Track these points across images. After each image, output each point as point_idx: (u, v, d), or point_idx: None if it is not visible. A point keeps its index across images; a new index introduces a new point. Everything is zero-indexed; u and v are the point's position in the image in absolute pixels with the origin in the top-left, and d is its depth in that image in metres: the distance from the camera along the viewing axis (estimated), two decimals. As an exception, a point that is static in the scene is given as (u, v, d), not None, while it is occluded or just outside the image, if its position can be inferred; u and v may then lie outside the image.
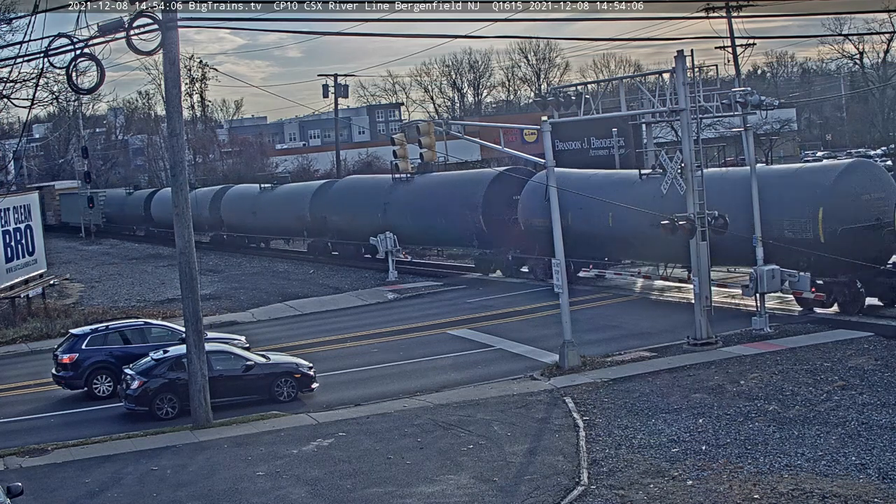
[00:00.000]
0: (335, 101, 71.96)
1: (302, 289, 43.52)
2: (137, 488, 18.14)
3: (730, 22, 55.39)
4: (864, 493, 14.98)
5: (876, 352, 23.68)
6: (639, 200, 31.23)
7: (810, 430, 18.28)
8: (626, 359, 25.36)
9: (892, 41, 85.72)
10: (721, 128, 56.15)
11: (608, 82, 35.37)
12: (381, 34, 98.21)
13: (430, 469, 17.96)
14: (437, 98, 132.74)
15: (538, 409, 21.49)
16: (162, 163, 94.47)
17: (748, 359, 24.12)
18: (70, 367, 25.97)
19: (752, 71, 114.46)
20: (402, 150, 28.59)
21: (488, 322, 32.41)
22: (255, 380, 24.01)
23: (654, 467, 17.07)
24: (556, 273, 25.54)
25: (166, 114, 23.66)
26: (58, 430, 23.24)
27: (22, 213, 42.09)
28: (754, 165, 28.43)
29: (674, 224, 25.54)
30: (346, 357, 29.08)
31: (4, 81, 31.88)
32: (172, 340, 25.89)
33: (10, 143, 77.35)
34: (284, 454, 19.49)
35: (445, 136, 28.76)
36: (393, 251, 43.54)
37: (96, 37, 21.78)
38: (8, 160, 76.15)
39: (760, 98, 26.80)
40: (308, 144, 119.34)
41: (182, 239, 22.32)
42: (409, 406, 22.52)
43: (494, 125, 44.42)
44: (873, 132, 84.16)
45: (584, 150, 49.24)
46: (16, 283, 40.68)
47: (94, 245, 75.87)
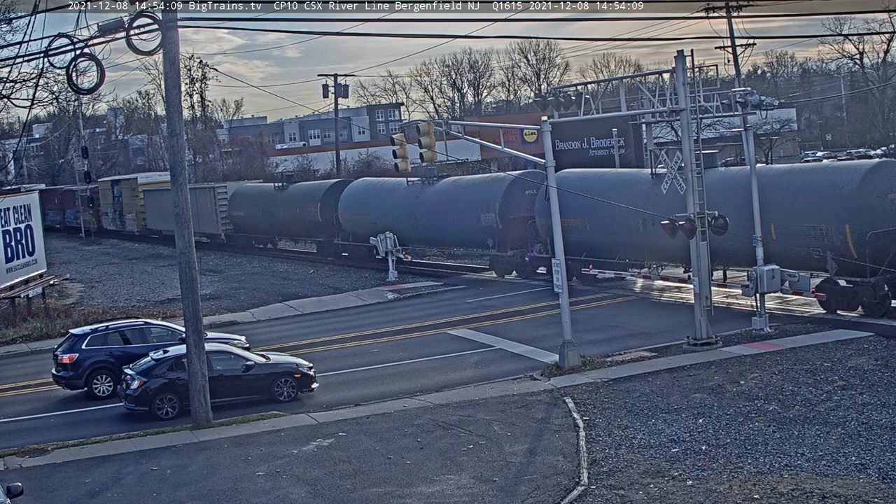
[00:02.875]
0: (335, 101, 71.96)
1: (302, 289, 43.53)
2: (137, 488, 18.14)
3: (730, 22, 55.43)
4: (864, 493, 14.99)
5: (876, 352, 23.68)
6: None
7: (810, 430, 18.29)
8: (626, 359, 25.36)
9: (892, 41, 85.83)
10: (721, 128, 56.17)
11: (608, 82, 35.40)
12: (380, 34, 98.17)
13: (430, 469, 17.96)
14: (437, 98, 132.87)
15: (538, 409, 21.49)
16: (162, 163, 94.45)
17: (748, 359, 24.12)
18: (70, 367, 25.97)
19: (752, 71, 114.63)
20: (402, 150, 28.56)
21: (488, 322, 32.41)
22: (255, 380, 24.01)
23: (654, 467, 17.08)
24: (556, 273, 25.54)
25: (166, 114, 23.66)
26: (58, 430, 23.24)
27: (22, 213, 42.11)
28: (754, 165, 28.44)
29: (674, 224, 25.54)
30: (346, 357, 29.08)
31: (4, 81, 31.88)
32: (172, 340, 25.90)
33: (10, 143, 77.38)
34: (284, 454, 19.49)
35: (445, 136, 28.71)
36: (393, 251, 43.54)
37: (96, 37, 21.83)
38: (8, 160, 76.13)
39: (760, 98, 26.79)
40: (308, 144, 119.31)
41: (182, 239, 22.32)
42: (409, 406, 22.52)
43: (494, 125, 44.38)
44: (873, 132, 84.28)
45: (584, 150, 49.21)
46: (16, 283, 40.68)
47: (94, 245, 75.86)
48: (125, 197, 77.99)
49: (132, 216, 75.81)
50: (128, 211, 77.20)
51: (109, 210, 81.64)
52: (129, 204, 76.85)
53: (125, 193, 77.82)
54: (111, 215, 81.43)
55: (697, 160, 26.14)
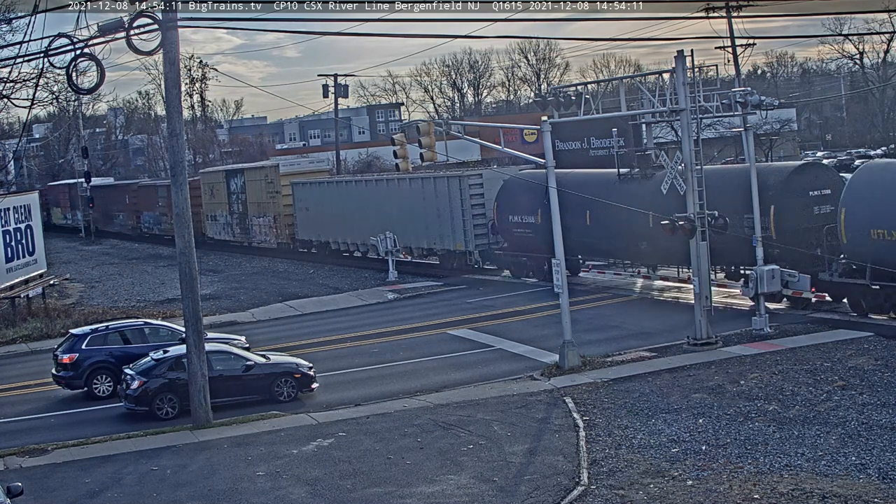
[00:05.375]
0: (335, 101, 71.88)
1: (302, 289, 43.52)
2: (137, 488, 18.15)
3: (730, 22, 55.37)
4: (864, 493, 14.99)
5: (876, 352, 23.68)
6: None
7: (810, 430, 18.29)
8: (626, 359, 25.36)
9: (892, 41, 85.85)
10: (721, 128, 56.13)
11: (608, 82, 35.36)
12: (380, 34, 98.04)
13: (430, 469, 17.96)
14: (437, 98, 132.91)
15: (538, 409, 21.50)
16: (162, 163, 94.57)
17: (748, 359, 24.12)
18: (70, 367, 25.97)
19: (752, 71, 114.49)
20: (402, 150, 28.55)
21: (488, 322, 32.40)
22: (255, 380, 24.01)
23: (654, 467, 17.08)
24: (556, 273, 25.55)
25: (166, 114, 23.67)
26: (58, 430, 23.24)
27: (22, 213, 42.14)
28: (754, 165, 28.44)
29: (674, 224, 25.54)
30: (346, 357, 29.08)
31: (4, 81, 31.91)
32: (172, 340, 25.90)
33: (10, 143, 77.36)
34: (284, 454, 19.50)
35: (445, 136, 28.71)
36: (393, 251, 43.48)
37: (96, 37, 21.83)
38: (8, 160, 76.14)
39: (760, 98, 26.79)
40: (308, 144, 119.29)
41: (182, 239, 22.32)
42: (409, 406, 22.53)
43: (494, 125, 44.29)
44: (873, 132, 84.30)
45: (584, 150, 49.18)
46: (16, 283, 40.70)
47: (93, 245, 75.82)
48: (254, 193, 55.52)
49: (266, 221, 54.18)
50: (258, 213, 55.11)
51: (221, 213, 60.32)
52: (261, 204, 54.79)
53: (254, 188, 55.52)
54: (223, 220, 60.11)
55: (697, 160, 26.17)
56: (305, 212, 51.39)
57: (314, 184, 51.26)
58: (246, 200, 56.93)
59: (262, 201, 55.04)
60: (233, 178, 58.89)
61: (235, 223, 58.15)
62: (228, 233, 59.51)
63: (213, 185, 61.28)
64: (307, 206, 51.25)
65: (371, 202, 46.52)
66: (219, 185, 60.34)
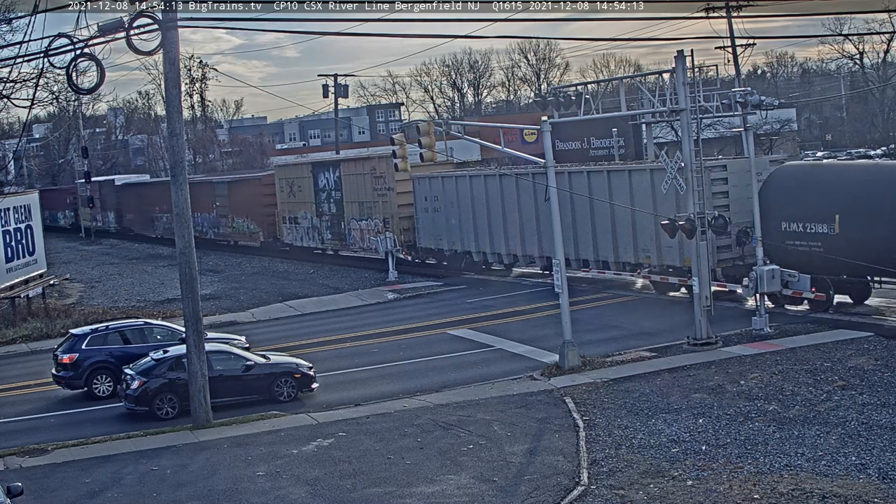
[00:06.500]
0: (335, 101, 71.96)
1: (302, 289, 43.52)
2: (137, 488, 18.15)
3: (730, 22, 55.33)
4: (864, 493, 14.99)
5: (876, 352, 23.69)
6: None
7: (810, 430, 18.29)
8: (626, 359, 25.37)
9: (892, 41, 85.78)
10: (721, 128, 56.13)
11: (608, 82, 35.38)
12: (380, 34, 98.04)
13: (430, 469, 17.96)
14: (437, 98, 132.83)
15: (538, 409, 21.50)
16: (162, 163, 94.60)
17: (748, 359, 24.12)
18: (70, 367, 25.98)
19: (752, 71, 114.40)
20: (402, 150, 28.56)
21: (488, 322, 32.41)
22: (255, 380, 24.01)
23: (654, 467, 17.08)
24: (556, 273, 25.55)
25: (166, 114, 23.67)
26: (58, 430, 23.25)
27: (22, 213, 42.15)
28: (754, 165, 28.42)
29: (674, 224, 25.53)
30: (346, 357, 29.08)
31: (4, 81, 31.89)
32: (172, 340, 25.91)
33: (10, 143, 77.31)
34: (284, 454, 19.50)
35: (445, 136, 28.75)
36: (393, 251, 43.43)
37: (96, 37, 21.84)
38: (8, 160, 76.06)
39: (760, 98, 26.80)
40: (308, 144, 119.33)
41: (182, 239, 22.32)
42: (409, 406, 22.53)
43: (494, 125, 44.26)
44: (873, 132, 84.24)
45: (584, 149, 49.28)
46: (16, 283, 40.72)
47: (94, 245, 75.79)
48: (354, 190, 45.87)
49: (371, 225, 44.75)
50: (362, 215, 45.39)
51: (304, 215, 50.47)
52: (366, 205, 45.04)
53: (354, 184, 45.85)
54: (306, 223, 50.37)
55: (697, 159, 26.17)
56: (434, 213, 42.26)
57: (449, 178, 40.80)
58: (342, 199, 47.26)
59: (367, 200, 45.11)
60: (323, 171, 49.02)
61: (325, 227, 48.73)
62: (314, 238, 50.08)
63: (293, 181, 51.35)
64: (437, 206, 42.07)
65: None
66: (302, 181, 50.44)
